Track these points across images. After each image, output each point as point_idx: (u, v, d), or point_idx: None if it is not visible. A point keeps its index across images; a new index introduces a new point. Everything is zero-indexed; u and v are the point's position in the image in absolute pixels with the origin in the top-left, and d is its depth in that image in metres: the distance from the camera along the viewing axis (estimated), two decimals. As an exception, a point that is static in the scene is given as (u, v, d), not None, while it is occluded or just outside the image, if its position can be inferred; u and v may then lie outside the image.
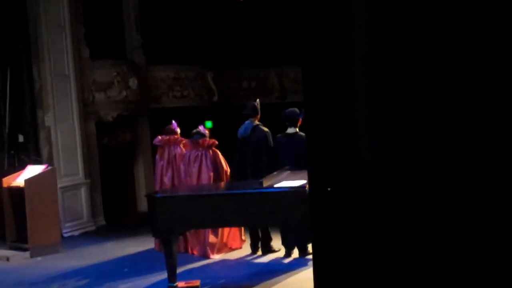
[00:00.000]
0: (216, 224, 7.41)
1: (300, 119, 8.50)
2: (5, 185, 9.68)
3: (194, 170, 8.78)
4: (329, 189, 2.92)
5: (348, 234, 2.90)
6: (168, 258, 6.94)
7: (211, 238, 8.65)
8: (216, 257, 8.60)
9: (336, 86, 2.89)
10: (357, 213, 2.87)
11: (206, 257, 8.58)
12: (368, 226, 2.85)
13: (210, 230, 8.53)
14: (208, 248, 8.64)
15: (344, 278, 2.89)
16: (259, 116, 8.89)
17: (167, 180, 9.13)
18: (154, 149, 9.85)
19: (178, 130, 9.38)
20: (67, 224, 10.69)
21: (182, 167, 8.96)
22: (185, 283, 7.02)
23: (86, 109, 11.35)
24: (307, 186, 6.41)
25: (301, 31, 3.02)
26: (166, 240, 6.95)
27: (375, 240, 2.85)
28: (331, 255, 2.95)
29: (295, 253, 8.38)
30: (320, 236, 2.99)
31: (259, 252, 8.66)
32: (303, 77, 3.04)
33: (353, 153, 2.88)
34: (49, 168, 9.82)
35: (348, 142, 2.88)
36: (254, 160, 8.68)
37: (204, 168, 8.74)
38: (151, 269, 8.06)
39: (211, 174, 8.71)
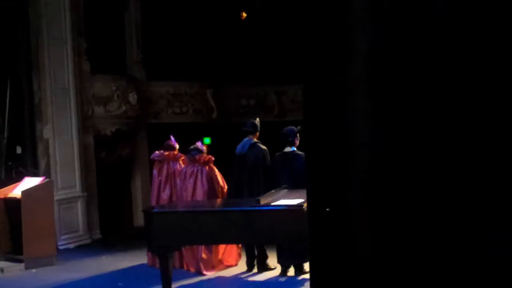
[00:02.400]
0: (213, 240, 7.39)
1: (298, 139, 8.52)
2: (1, 196, 9.66)
3: (189, 185, 8.79)
4: (327, 209, 2.93)
5: (346, 255, 2.91)
6: (164, 274, 6.92)
7: (204, 254, 8.63)
8: (209, 273, 8.59)
9: (336, 105, 2.92)
10: (355, 234, 2.89)
11: (200, 273, 8.57)
12: (366, 247, 2.86)
13: (203, 246, 8.52)
14: (201, 264, 8.62)
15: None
16: (258, 134, 8.92)
17: (165, 196, 9.13)
18: (152, 164, 9.85)
19: (177, 146, 9.39)
20: (63, 237, 10.68)
21: (178, 182, 8.98)
22: (180, 299, 7.01)
23: (85, 123, 11.37)
24: (305, 205, 6.49)
25: (301, 49, 3.05)
26: (162, 256, 6.94)
27: (373, 261, 2.87)
28: (329, 275, 2.96)
29: (291, 271, 8.37)
30: (318, 256, 3.00)
31: (255, 270, 8.65)
32: (304, 97, 3.07)
33: (352, 174, 2.90)
34: (46, 180, 9.81)
35: (347, 162, 2.90)
36: (250, 177, 8.68)
37: (199, 184, 8.75)
38: (145, 284, 8.06)
39: (206, 190, 8.71)
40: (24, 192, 9.30)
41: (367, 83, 2.85)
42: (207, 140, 12.27)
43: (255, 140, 8.85)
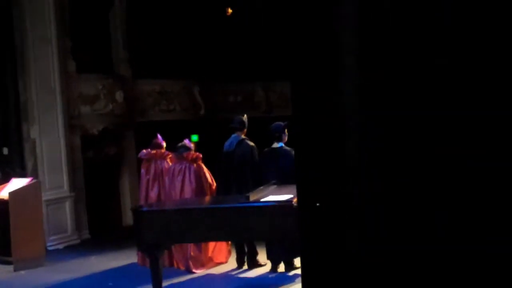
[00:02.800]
0: (203, 238, 7.38)
1: (286, 134, 8.52)
2: (-11, 197, 9.61)
3: (177, 183, 8.77)
4: (318, 204, 2.92)
5: (337, 250, 2.90)
6: (154, 272, 6.92)
7: (194, 252, 8.62)
8: (199, 271, 8.57)
9: (325, 99, 2.91)
10: (346, 229, 2.88)
11: (190, 271, 8.56)
12: (356, 242, 2.86)
13: (193, 244, 8.50)
14: (190, 262, 8.61)
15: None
16: (245, 130, 8.91)
17: (153, 194, 9.10)
18: (140, 163, 9.82)
19: (164, 144, 9.36)
20: (52, 237, 10.62)
21: (167, 180, 8.95)
22: (171, 298, 6.99)
23: (72, 122, 11.31)
24: (294, 200, 6.49)
25: (289, 44, 3.04)
26: (152, 255, 6.92)
27: (364, 257, 2.86)
28: (320, 271, 2.95)
29: (281, 267, 8.38)
30: (309, 252, 2.99)
31: (245, 267, 8.65)
32: (292, 91, 3.05)
33: (342, 168, 2.89)
34: (34, 181, 9.76)
35: (337, 157, 2.89)
36: (238, 174, 8.68)
37: (187, 182, 8.73)
38: (135, 284, 8.04)
39: (194, 187, 8.69)
40: (12, 193, 9.25)
41: (357, 77, 2.83)
42: (194, 138, 12.25)
43: (243, 136, 8.85)
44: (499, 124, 2.76)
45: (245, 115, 9.09)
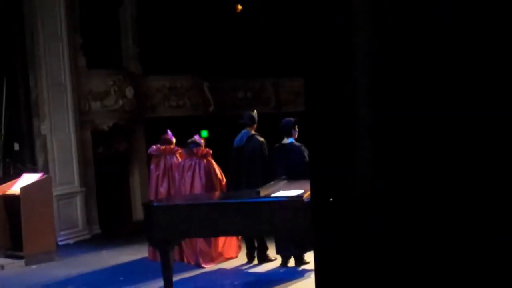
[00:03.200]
0: (213, 233, 7.42)
1: (296, 131, 8.54)
2: (0, 193, 9.67)
3: (187, 179, 8.80)
4: (331, 199, 2.95)
5: (351, 244, 2.92)
6: (165, 267, 6.95)
7: (203, 247, 8.66)
8: (209, 266, 8.61)
9: (338, 95, 2.93)
10: (359, 224, 2.90)
11: (199, 266, 8.60)
12: (371, 236, 2.88)
13: (202, 239, 8.54)
14: (200, 257, 8.65)
15: (345, 285, 2.92)
16: (255, 126, 8.93)
17: (163, 190, 9.14)
18: (150, 158, 9.85)
19: (174, 140, 9.40)
20: (62, 232, 10.69)
21: (177, 176, 8.99)
22: (181, 292, 7.03)
23: (82, 118, 11.36)
24: (305, 195, 6.52)
25: (302, 40, 3.06)
26: (163, 249, 6.96)
27: (378, 250, 2.88)
28: (333, 266, 2.97)
29: (291, 262, 8.41)
30: (322, 247, 3.02)
31: (255, 261, 8.68)
32: (305, 86, 3.08)
33: (355, 163, 2.91)
34: (45, 176, 9.81)
35: (350, 151, 2.92)
36: (248, 169, 8.71)
37: (197, 177, 8.76)
38: (146, 278, 8.07)
39: (204, 183, 8.73)
40: (23, 189, 9.30)
41: (369, 74, 2.86)
42: (204, 133, 12.28)
43: (252, 132, 8.87)
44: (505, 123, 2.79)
45: (255, 111, 9.12)
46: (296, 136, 8.55)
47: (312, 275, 7.65)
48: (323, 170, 3.00)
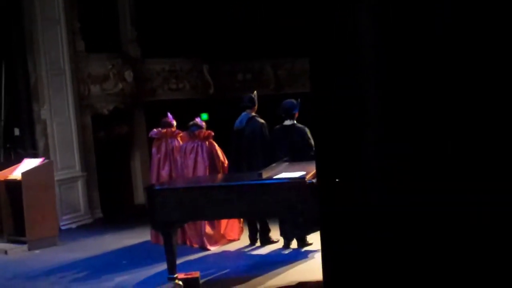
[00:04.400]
0: (216, 215, 7.42)
1: (297, 112, 8.52)
2: (1, 178, 9.67)
3: (190, 161, 8.80)
4: (337, 180, 2.94)
5: (357, 224, 2.93)
6: (168, 250, 6.94)
7: (208, 230, 8.68)
8: (213, 248, 8.63)
9: (344, 77, 2.92)
10: (364, 203, 2.90)
11: (204, 248, 8.62)
12: (376, 214, 2.88)
13: (207, 222, 8.55)
14: (205, 239, 8.67)
15: (352, 267, 2.93)
16: (256, 108, 8.91)
17: (164, 173, 9.14)
18: (150, 141, 9.85)
19: (174, 123, 9.38)
20: (65, 217, 10.70)
21: (178, 159, 8.98)
22: (185, 275, 7.03)
23: (82, 102, 11.34)
24: (307, 177, 6.51)
25: (308, 24, 3.04)
26: (166, 233, 6.96)
27: (382, 229, 2.89)
28: (340, 245, 2.98)
29: (294, 244, 8.42)
30: (329, 226, 3.02)
31: (258, 243, 8.70)
32: (311, 68, 3.06)
33: (360, 144, 2.91)
34: (46, 161, 9.81)
35: (356, 133, 2.91)
36: (248, 151, 8.70)
37: (199, 160, 8.76)
38: (149, 261, 8.10)
39: (207, 165, 8.72)
40: (24, 174, 9.31)
41: (375, 54, 2.85)
42: (204, 116, 12.24)
43: (253, 114, 8.85)
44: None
45: (255, 92, 9.10)
46: (296, 117, 8.53)
47: (316, 255, 7.72)
48: (329, 150, 2.99)
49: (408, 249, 2.95)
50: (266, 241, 8.67)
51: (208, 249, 8.59)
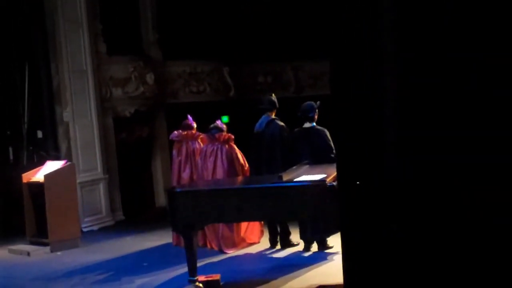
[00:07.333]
0: (236, 218, 7.43)
1: (317, 114, 8.51)
2: (24, 180, 9.75)
3: (210, 164, 8.81)
4: (358, 183, 2.94)
5: (377, 227, 2.92)
6: (189, 253, 6.97)
7: (225, 232, 8.67)
8: (231, 252, 8.62)
9: (364, 80, 2.91)
10: (386, 207, 2.89)
11: (222, 251, 8.62)
12: (397, 217, 2.87)
13: (223, 224, 8.55)
14: (221, 242, 8.67)
15: (373, 270, 2.91)
16: (275, 110, 8.91)
17: (185, 175, 9.16)
18: (171, 144, 9.88)
19: (195, 125, 9.40)
20: (86, 219, 10.77)
21: (199, 161, 9.00)
22: (205, 277, 7.05)
23: (104, 105, 11.41)
24: (327, 180, 6.50)
25: (329, 27, 3.04)
26: (187, 235, 6.98)
27: (403, 232, 2.87)
28: (360, 248, 2.97)
29: (314, 247, 8.40)
30: (349, 230, 3.01)
31: (278, 246, 8.69)
32: (331, 71, 3.06)
33: (382, 147, 2.90)
34: (68, 163, 9.88)
35: (377, 136, 2.90)
36: (268, 154, 8.70)
37: (219, 162, 8.77)
38: (170, 264, 8.12)
39: (226, 169, 8.72)
40: (47, 176, 9.38)
41: (395, 58, 2.84)
42: (225, 119, 12.26)
43: (273, 116, 8.85)
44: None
45: (273, 94, 9.10)
46: (316, 120, 8.52)
47: (336, 258, 7.70)
48: (350, 153, 2.98)
49: (431, 252, 2.94)
50: (287, 244, 8.66)
51: (225, 253, 8.58)
